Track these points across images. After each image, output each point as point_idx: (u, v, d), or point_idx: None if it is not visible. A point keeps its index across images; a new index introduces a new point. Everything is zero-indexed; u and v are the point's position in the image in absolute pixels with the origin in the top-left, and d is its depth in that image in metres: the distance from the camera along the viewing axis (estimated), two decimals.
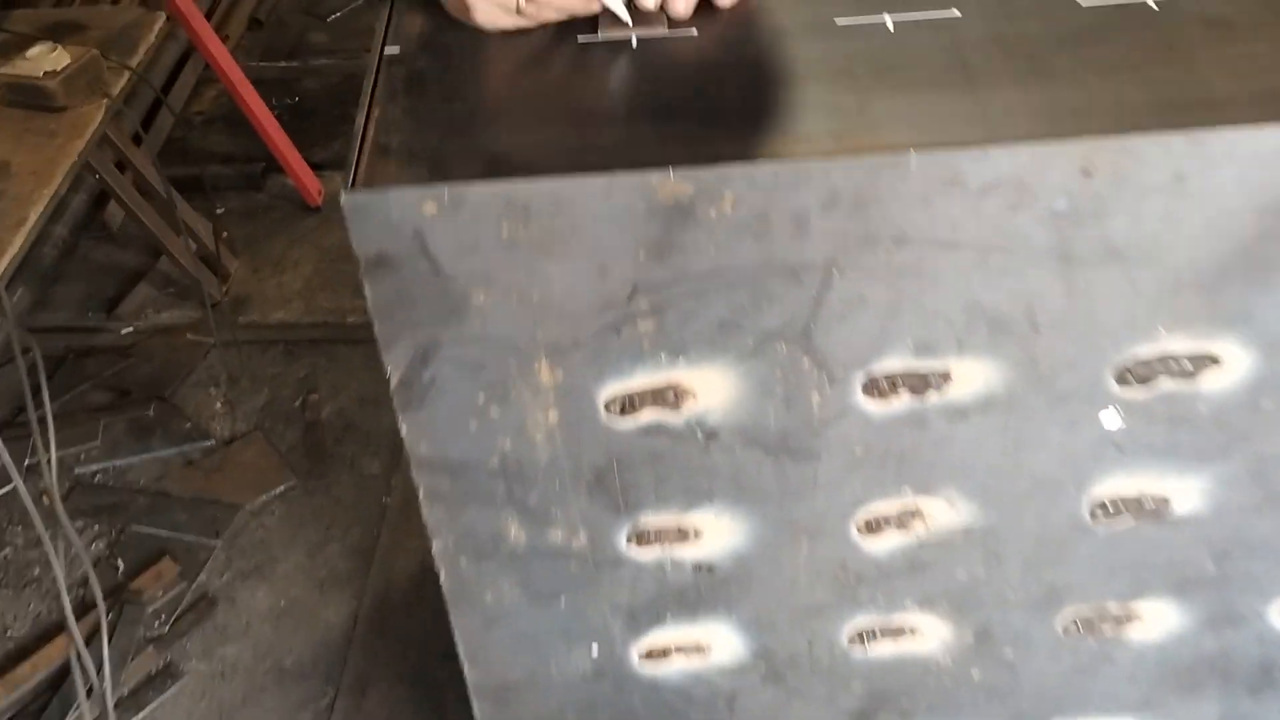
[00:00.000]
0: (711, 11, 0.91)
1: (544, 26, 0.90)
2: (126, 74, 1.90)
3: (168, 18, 2.19)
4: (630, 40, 0.89)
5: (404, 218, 0.78)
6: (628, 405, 0.88)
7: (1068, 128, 0.77)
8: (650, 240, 0.80)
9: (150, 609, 2.10)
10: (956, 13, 0.88)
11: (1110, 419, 0.89)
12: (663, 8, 0.90)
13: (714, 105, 0.83)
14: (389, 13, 0.93)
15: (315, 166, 2.82)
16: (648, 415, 0.89)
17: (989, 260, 0.81)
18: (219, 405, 2.41)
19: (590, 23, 0.90)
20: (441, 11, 0.91)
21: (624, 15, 0.89)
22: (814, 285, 0.82)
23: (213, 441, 2.35)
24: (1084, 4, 0.88)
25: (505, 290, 0.82)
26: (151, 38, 1.93)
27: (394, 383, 0.86)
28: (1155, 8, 0.87)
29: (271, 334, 2.54)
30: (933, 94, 0.81)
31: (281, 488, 2.25)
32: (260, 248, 2.75)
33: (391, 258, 0.80)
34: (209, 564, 2.14)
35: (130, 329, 2.58)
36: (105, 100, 1.84)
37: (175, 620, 2.08)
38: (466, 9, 0.89)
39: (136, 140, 2.56)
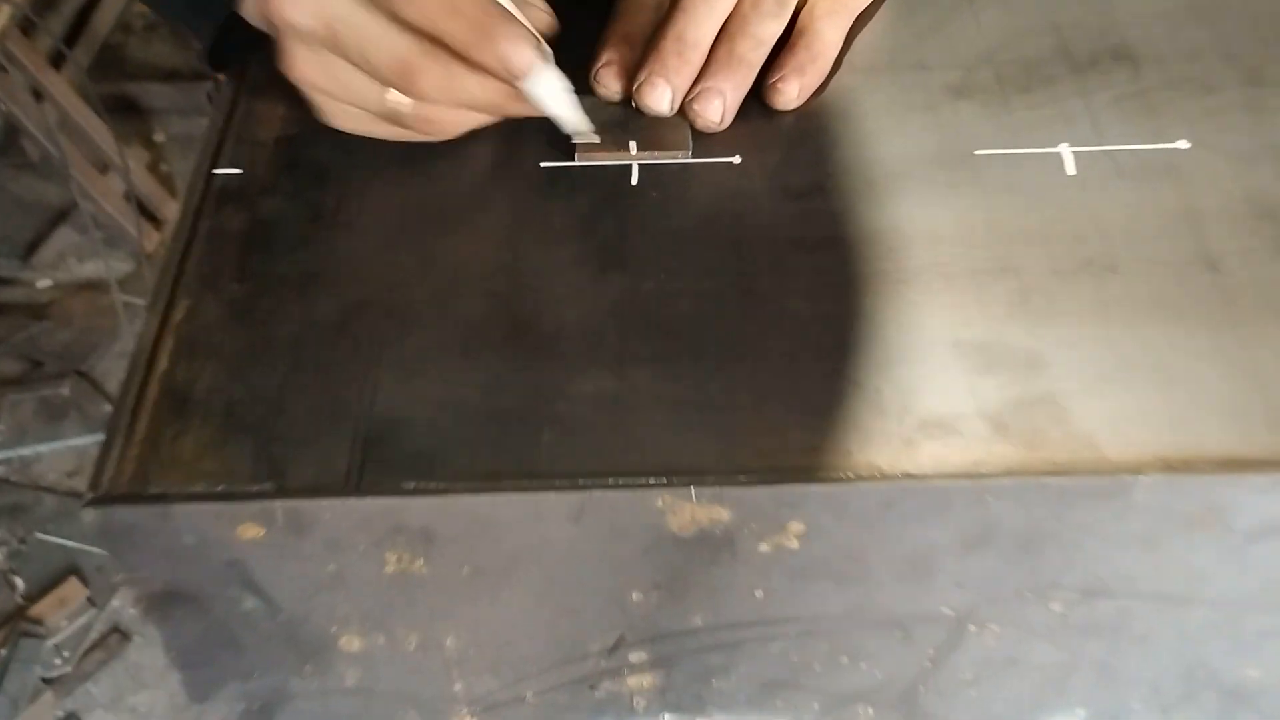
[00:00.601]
0: (765, 119, 0.54)
1: (481, 133, 0.53)
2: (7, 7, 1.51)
3: None
4: (629, 171, 0.52)
5: (207, 542, 0.43)
6: None
7: None
8: (653, 580, 0.45)
9: (51, 642, 1.77)
10: (1184, 143, 0.51)
11: None
12: (684, 113, 0.53)
13: (768, 324, 0.46)
14: (230, 100, 0.56)
15: None
16: None
17: (1242, 620, 0.46)
18: None
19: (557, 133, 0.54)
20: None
21: (583, 130, 0.52)
22: (932, 642, 0.47)
23: None
24: None
25: (395, 635, 0.47)
26: None
27: None
28: None
29: None
30: (1160, 326, 0.45)
31: None
32: None
33: (191, 594, 0.45)
34: (124, 587, 1.81)
35: (49, 283, 2.22)
36: None
37: (81, 658, 1.75)
38: (318, 110, 0.52)
39: (62, 51, 2.17)
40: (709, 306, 0.47)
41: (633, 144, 0.52)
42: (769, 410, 0.44)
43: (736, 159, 0.53)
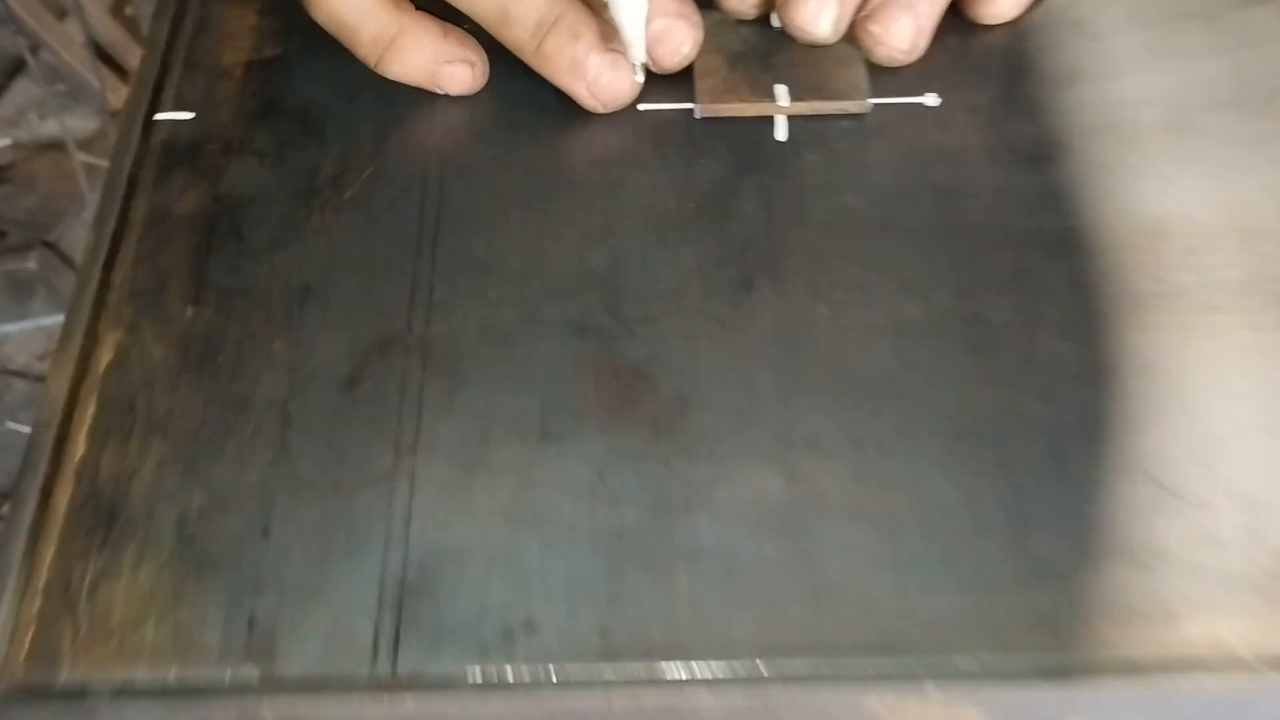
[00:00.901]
0: (969, 39, 0.36)
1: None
2: None
3: None
4: (771, 124, 0.35)
5: None
6: None
7: None
8: None
9: None
10: None
11: None
12: (854, 38, 0.35)
13: (1012, 378, 0.30)
14: (177, 2, 0.38)
15: None
16: None
17: None
18: None
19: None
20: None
21: (637, 63, 0.34)
22: None
23: None
24: None
25: None
26: None
27: None
28: None
29: None
30: None
31: None
32: None
33: None
34: None
35: (8, 142, 2.02)
36: None
37: None
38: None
39: None
40: (917, 348, 0.31)
41: (779, 88, 0.35)
42: (1032, 535, 0.28)
43: (932, 100, 0.35)
